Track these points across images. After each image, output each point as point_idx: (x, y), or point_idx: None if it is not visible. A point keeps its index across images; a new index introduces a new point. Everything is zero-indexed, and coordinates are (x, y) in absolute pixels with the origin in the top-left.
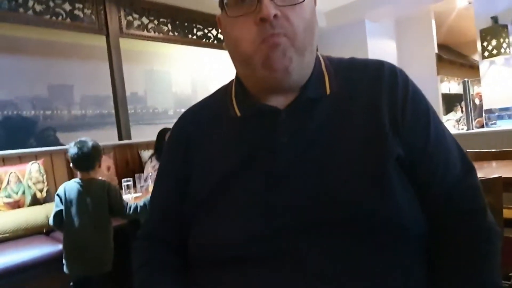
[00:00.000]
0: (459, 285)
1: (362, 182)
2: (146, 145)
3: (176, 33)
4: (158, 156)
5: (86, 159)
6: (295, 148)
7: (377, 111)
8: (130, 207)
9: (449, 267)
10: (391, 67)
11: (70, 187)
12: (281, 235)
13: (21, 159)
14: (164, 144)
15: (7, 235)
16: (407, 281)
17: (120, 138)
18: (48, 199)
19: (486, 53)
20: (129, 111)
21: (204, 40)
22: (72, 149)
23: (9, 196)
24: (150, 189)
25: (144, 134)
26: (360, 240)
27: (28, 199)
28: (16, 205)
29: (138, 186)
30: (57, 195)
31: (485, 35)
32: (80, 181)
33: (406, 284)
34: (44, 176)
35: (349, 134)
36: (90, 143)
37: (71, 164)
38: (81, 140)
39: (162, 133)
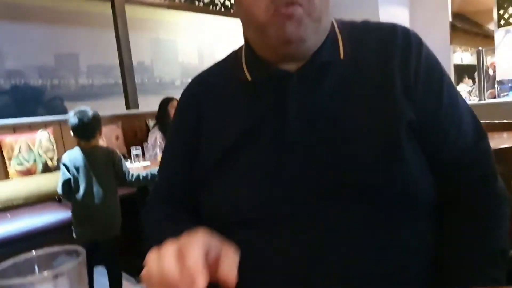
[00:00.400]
0: (467, 250)
1: (374, 149)
2: (153, 115)
3: (182, 0)
4: (160, 126)
5: (87, 129)
6: (306, 113)
7: (390, 75)
8: (132, 175)
9: (458, 233)
10: (405, 30)
11: (75, 155)
12: (289, 201)
13: (31, 127)
14: (165, 113)
15: (21, 201)
16: (416, 249)
17: (127, 107)
18: (58, 167)
19: (502, 22)
20: (135, 81)
21: (210, 7)
22: (73, 119)
23: (21, 164)
24: (159, 158)
25: (151, 104)
26: (370, 207)
27: (39, 167)
28: (28, 172)
29: (147, 155)
30: (63, 164)
31: (502, 2)
32: (84, 149)
33: (416, 252)
34: (54, 145)
35: (361, 100)
36: (90, 113)
37: (71, 134)
38: (81, 110)
39: (164, 102)
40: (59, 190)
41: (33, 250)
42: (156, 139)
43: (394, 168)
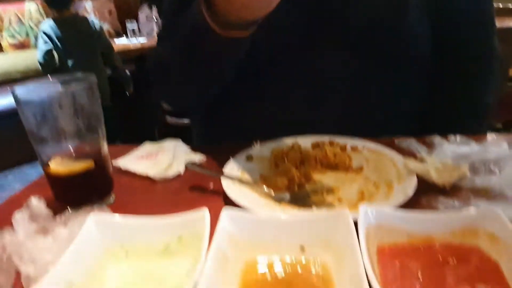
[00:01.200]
0: (455, 101)
1: (382, 3)
2: None
3: None
4: (150, 3)
5: None
6: None
7: None
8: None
9: (449, 85)
10: None
11: (55, 25)
12: (289, 48)
13: None
14: None
15: (18, 75)
16: (408, 99)
17: None
18: None
19: None
20: None
21: None
22: None
23: (13, 37)
24: (155, 34)
25: None
26: (371, 59)
27: (32, 40)
28: (22, 46)
29: (143, 31)
30: (44, 33)
31: None
32: (63, 18)
33: (407, 101)
34: (45, 17)
35: None
36: None
37: (44, 1)
38: None
39: None
40: (40, 58)
41: (49, 78)
42: (147, 17)
43: (398, 22)
